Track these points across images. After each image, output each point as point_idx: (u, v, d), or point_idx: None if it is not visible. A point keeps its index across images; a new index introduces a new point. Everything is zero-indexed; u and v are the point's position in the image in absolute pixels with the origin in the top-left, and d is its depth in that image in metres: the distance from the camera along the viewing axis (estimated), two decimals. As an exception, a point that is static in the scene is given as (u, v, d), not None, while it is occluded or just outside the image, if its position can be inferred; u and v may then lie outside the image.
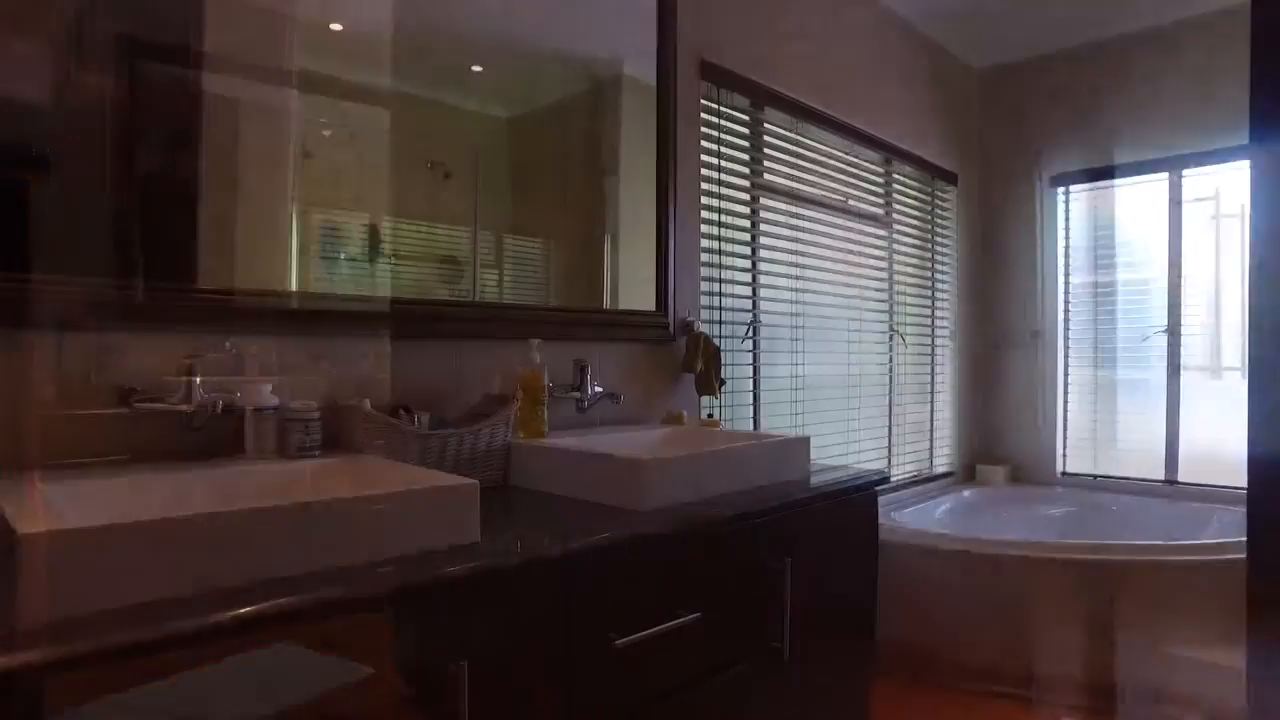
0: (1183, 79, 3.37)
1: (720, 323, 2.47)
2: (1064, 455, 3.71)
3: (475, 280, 1.78)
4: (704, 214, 2.38)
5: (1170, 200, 3.44)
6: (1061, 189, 3.71)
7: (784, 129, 2.74)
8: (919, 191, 3.49)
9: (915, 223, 3.47)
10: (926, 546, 2.68)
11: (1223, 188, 3.35)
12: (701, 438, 1.88)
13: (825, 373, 2.96)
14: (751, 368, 2.63)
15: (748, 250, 2.60)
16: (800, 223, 2.81)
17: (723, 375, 2.25)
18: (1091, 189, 3.65)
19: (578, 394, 1.84)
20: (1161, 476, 3.44)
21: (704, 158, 2.38)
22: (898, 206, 3.35)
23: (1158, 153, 3.42)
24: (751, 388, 2.64)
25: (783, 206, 2.74)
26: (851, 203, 3.08)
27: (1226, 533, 2.99)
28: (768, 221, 2.68)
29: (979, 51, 3.75)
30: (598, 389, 1.89)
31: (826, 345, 2.97)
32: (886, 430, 3.31)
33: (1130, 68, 3.50)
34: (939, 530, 2.91)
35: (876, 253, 3.23)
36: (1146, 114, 3.46)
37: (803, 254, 2.82)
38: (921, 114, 3.46)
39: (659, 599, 1.27)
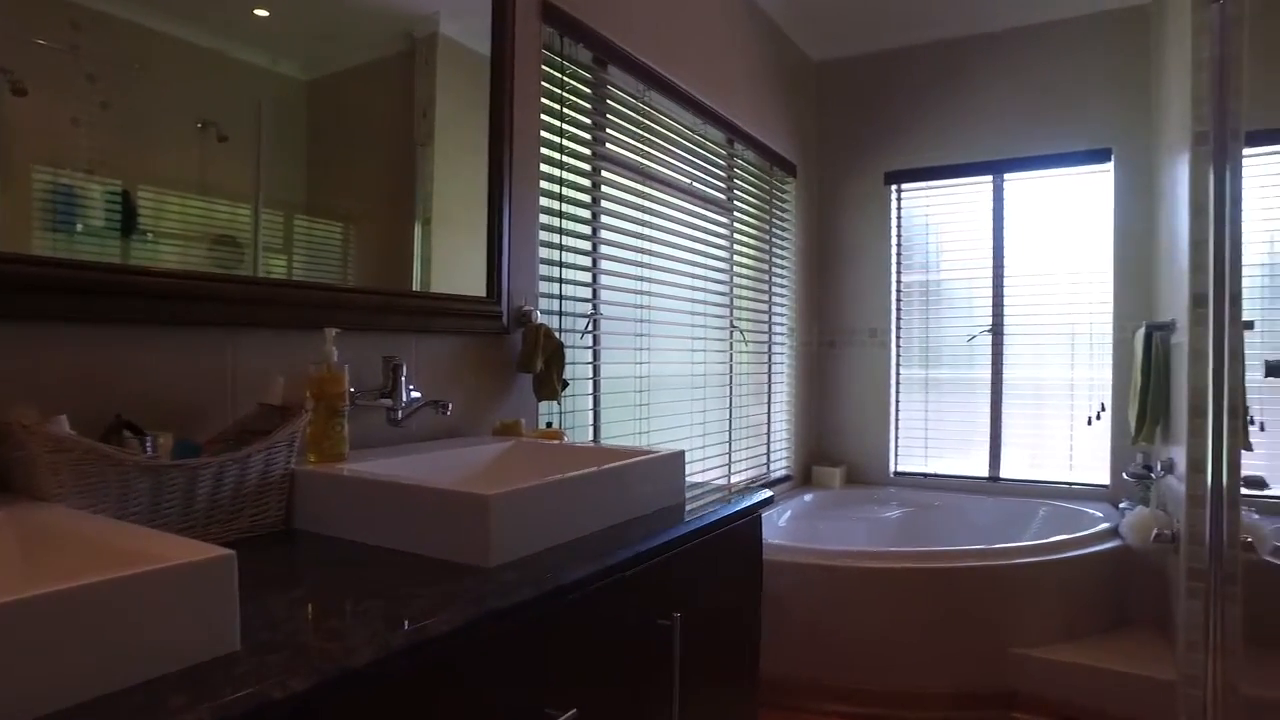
0: (1009, 85, 3.44)
1: (560, 314, 2.11)
2: (896, 455, 3.70)
3: (256, 266, 1.32)
4: (543, 184, 2.02)
5: (994, 202, 3.51)
6: (894, 186, 3.70)
7: (631, 94, 2.43)
8: (759, 179, 3.32)
9: (755, 213, 3.29)
10: (780, 562, 2.47)
11: (1045, 192, 3.46)
12: (551, 456, 1.52)
13: (670, 372, 2.69)
14: (592, 367, 2.30)
15: (588, 230, 2.26)
16: (646, 203, 2.52)
17: (565, 376, 1.90)
18: (924, 188, 3.66)
19: (390, 401, 1.42)
20: (986, 474, 3.51)
21: (544, 118, 2.02)
22: (738, 194, 3.15)
23: (984, 155, 3.48)
24: (592, 390, 2.31)
25: (627, 183, 2.43)
26: (696, 185, 2.83)
27: (1052, 526, 3.06)
28: (610, 199, 2.36)
29: (817, 43, 3.66)
30: (415, 394, 1.47)
31: (672, 341, 2.70)
32: (727, 433, 3.10)
33: (960, 71, 3.53)
34: (786, 543, 2.73)
35: (719, 241, 3.00)
36: (974, 117, 3.51)
37: (648, 238, 2.53)
38: (763, 99, 3.29)
39: (521, 702, 0.90)
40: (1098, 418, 3.31)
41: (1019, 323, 3.48)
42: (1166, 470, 2.47)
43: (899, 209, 3.72)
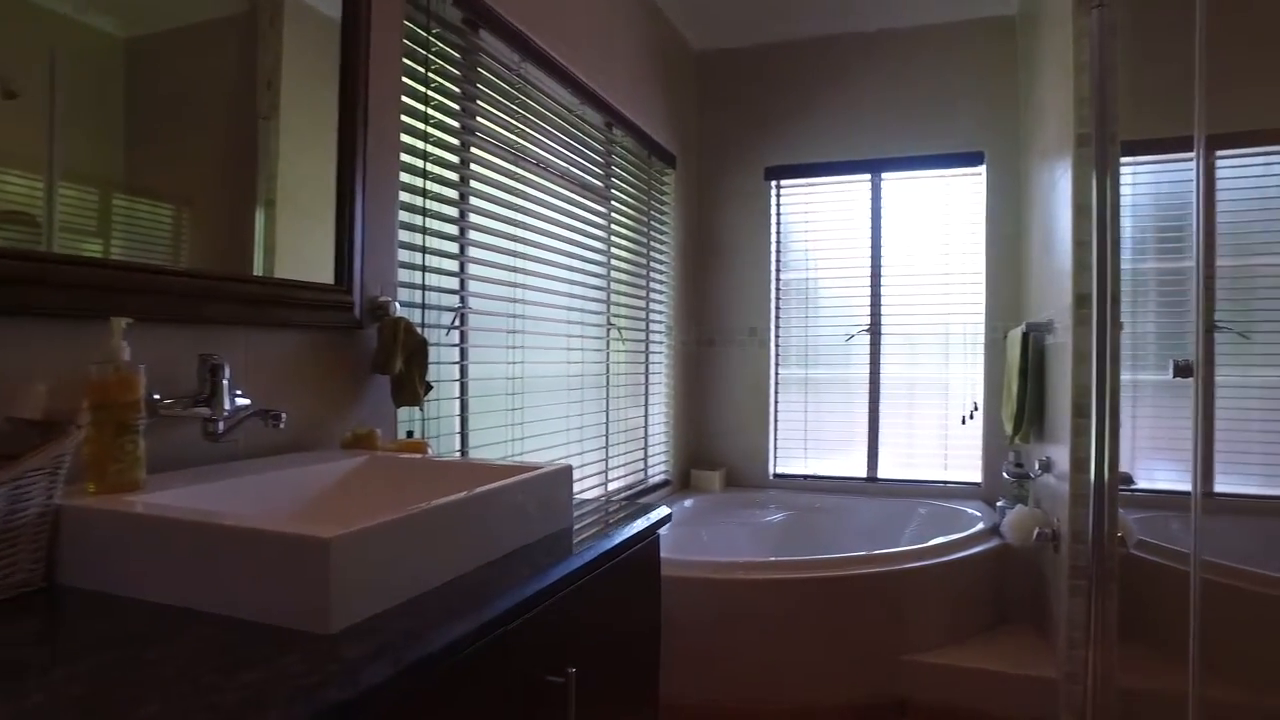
0: (887, 86, 3.44)
1: (423, 307, 1.86)
2: (775, 457, 3.64)
3: (52, 247, 1.02)
4: (406, 158, 1.76)
5: (872, 201, 3.51)
6: (774, 182, 3.63)
7: (505, 65, 2.20)
8: (638, 169, 3.15)
9: (634, 204, 3.13)
10: (667, 578, 2.30)
11: (922, 193, 3.48)
12: (412, 474, 1.27)
13: (545, 372, 2.48)
14: (459, 367, 2.05)
15: (455, 213, 2.02)
16: (520, 186, 2.29)
17: (428, 378, 1.65)
18: (803, 185, 3.61)
19: (207, 410, 1.14)
20: (864, 474, 3.50)
21: (407, 81, 1.76)
22: (617, 182, 2.97)
23: (862, 154, 3.47)
24: (459, 393, 2.06)
25: (500, 163, 2.20)
26: (574, 170, 2.63)
27: (932, 526, 3.06)
28: (481, 179, 2.12)
29: (698, 31, 3.54)
30: (243, 401, 1.20)
31: (547, 339, 2.48)
32: (604, 438, 2.92)
33: (840, 68, 3.51)
34: (671, 556, 2.57)
35: (597, 232, 2.81)
36: (854, 115, 3.49)
37: (522, 225, 2.30)
38: (644, 84, 3.13)
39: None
40: (971, 417, 3.36)
41: (896, 322, 3.49)
42: (1045, 469, 2.49)
43: (779, 206, 3.66)
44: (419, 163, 1.82)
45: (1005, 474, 2.81)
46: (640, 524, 1.31)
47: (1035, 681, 2.24)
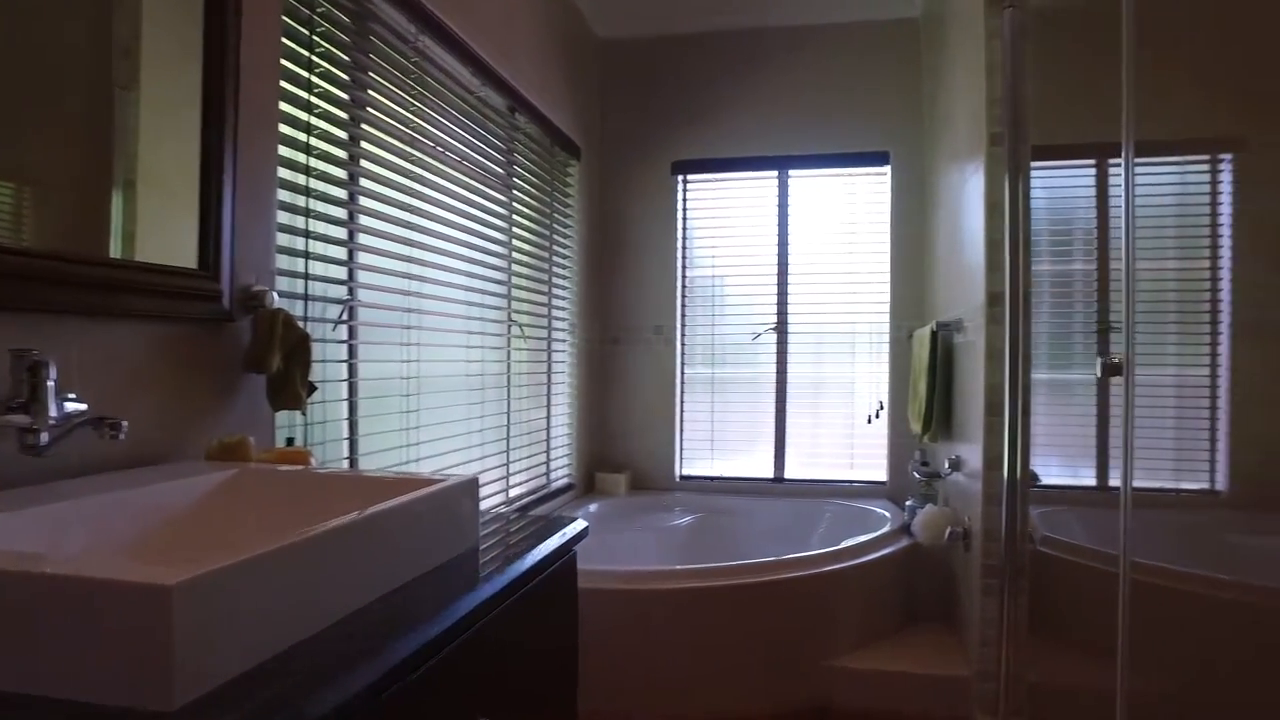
0: (795, 82, 3.41)
1: (306, 298, 1.66)
2: (681, 458, 3.55)
3: None
4: (287, 131, 1.56)
5: (779, 198, 3.47)
6: (681, 177, 3.54)
7: (401, 34, 2.01)
8: (542, 158, 3.00)
9: (537, 194, 2.97)
10: (580, 589, 2.17)
11: (829, 191, 3.47)
12: (291, 491, 1.09)
13: (443, 371, 2.30)
14: (347, 365, 1.86)
15: (344, 194, 1.82)
16: (417, 169, 2.10)
17: (312, 377, 1.46)
18: (711, 180, 3.54)
19: (25, 418, 0.93)
20: (771, 474, 3.46)
21: (287, 43, 1.56)
22: (519, 171, 2.81)
23: (770, 150, 3.43)
24: (348, 394, 1.86)
25: (394, 143, 2.01)
26: (475, 155, 2.45)
27: (841, 526, 3.04)
28: (373, 160, 1.92)
29: (604, 18, 3.41)
30: (76, 406, 0.99)
31: (445, 335, 2.30)
32: (505, 440, 2.75)
33: (748, 63, 3.46)
34: (580, 566, 2.44)
35: (498, 223, 2.64)
36: (761, 111, 3.45)
37: (419, 212, 2.11)
38: (548, 69, 2.98)
39: None
40: (877, 416, 3.37)
41: (802, 321, 3.47)
42: (954, 468, 2.49)
43: (685, 201, 3.58)
44: (302, 137, 1.62)
45: (915, 473, 2.81)
46: (556, 540, 1.17)
47: (950, 681, 2.23)
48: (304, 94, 1.63)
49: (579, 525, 1.27)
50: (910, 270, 3.31)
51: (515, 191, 2.77)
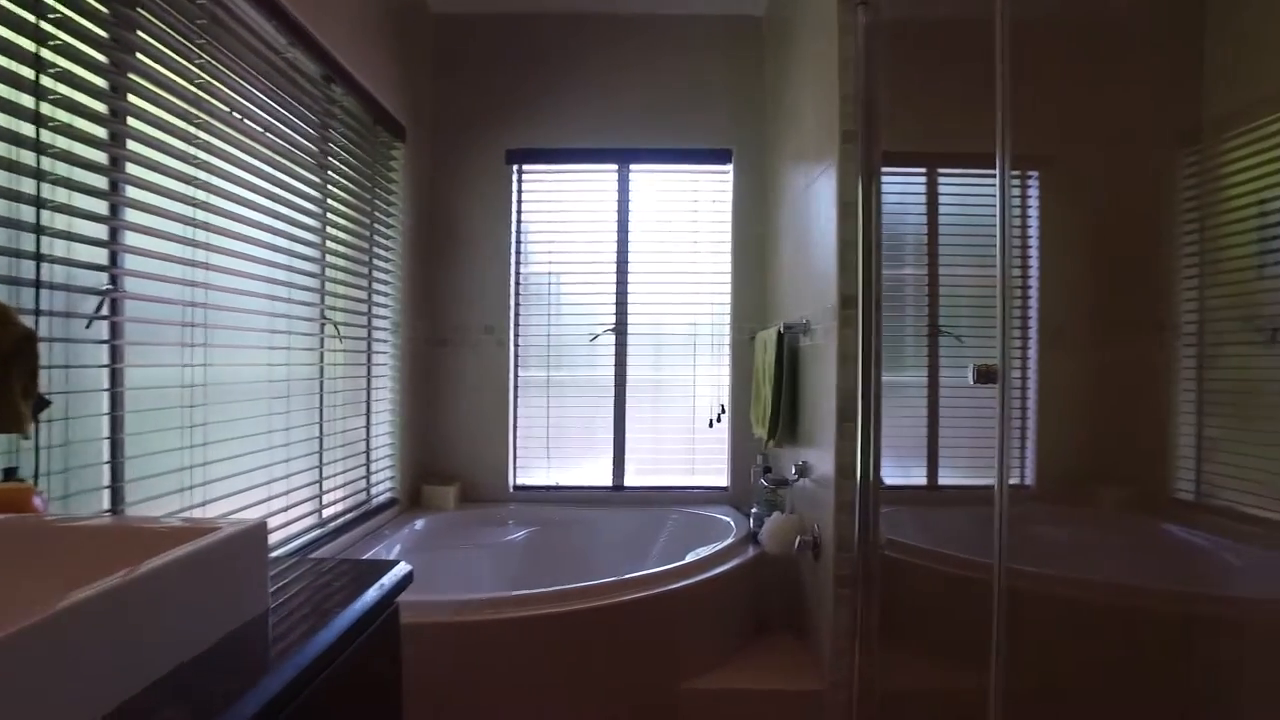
0: (637, 73, 3.28)
1: (39, 285, 1.30)
2: (515, 468, 3.32)
3: None
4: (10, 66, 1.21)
5: (619, 194, 3.32)
6: (516, 166, 3.31)
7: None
8: (361, 137, 2.68)
9: (356, 178, 2.65)
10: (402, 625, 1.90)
11: (670, 188, 3.36)
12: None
13: (241, 377, 1.95)
14: (108, 373, 1.50)
15: (103, 158, 1.47)
16: (207, 137, 1.76)
17: (42, 390, 1.13)
18: (547, 171, 3.34)
19: None
20: (610, 482, 3.30)
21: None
22: (335, 150, 2.48)
23: (610, 142, 3.28)
24: (109, 408, 1.51)
25: (176, 102, 1.66)
26: (280, 126, 2.12)
27: (684, 535, 2.93)
28: (147, 120, 1.57)
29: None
30: None
31: (242, 335, 1.96)
32: (318, 454, 2.42)
33: (589, 49, 3.29)
34: (405, 597, 2.16)
35: (310, 207, 2.31)
36: (602, 101, 3.29)
37: (209, 187, 1.77)
38: (372, 39, 2.66)
39: None
40: (718, 420, 3.30)
41: (642, 322, 3.34)
42: (801, 474, 2.43)
43: (520, 193, 3.35)
44: (28, 74, 1.27)
45: (763, 480, 2.74)
46: (372, 594, 0.94)
47: (804, 696, 2.16)
48: (29, 16, 1.28)
49: (400, 571, 1.03)
50: (753, 271, 3.27)
51: (331, 173, 2.45)
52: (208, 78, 1.76)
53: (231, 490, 1.86)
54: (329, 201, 2.43)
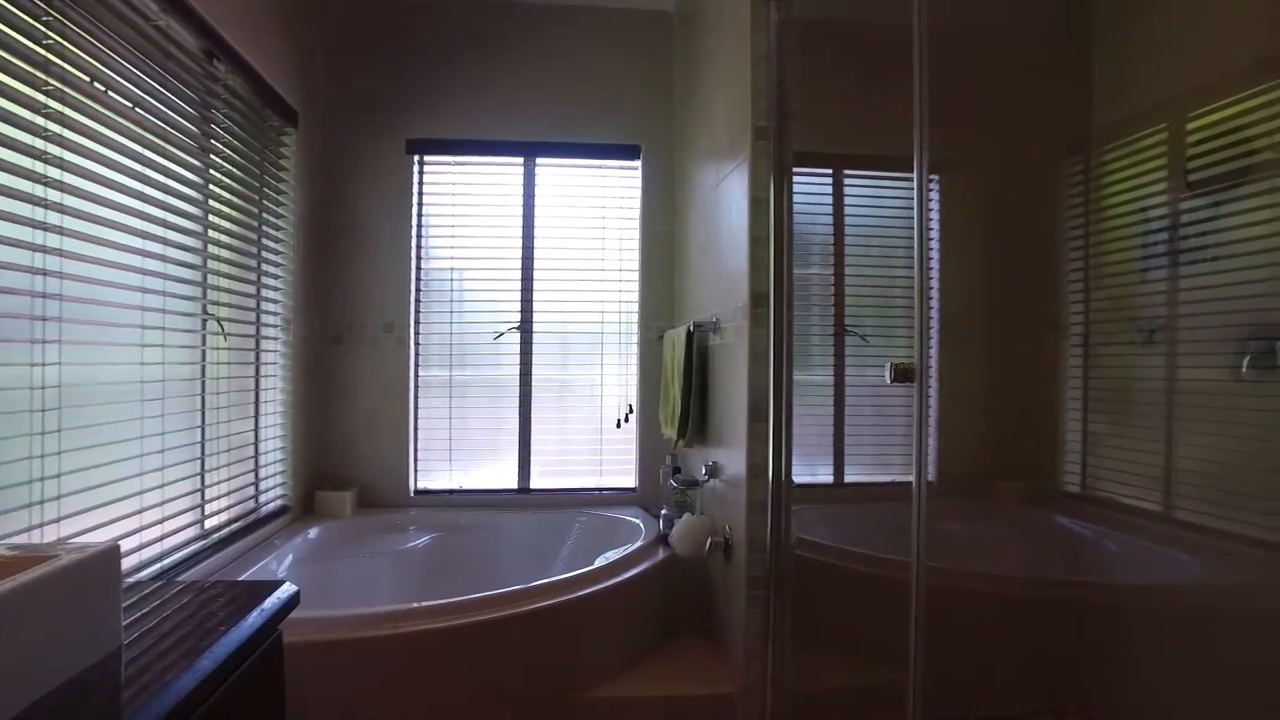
0: (545, 64, 3.19)
1: None
2: (416, 471, 3.17)
3: None
4: None
5: (525, 188, 3.23)
6: (417, 157, 3.17)
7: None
8: (249, 120, 2.49)
9: (242, 166, 2.46)
10: (293, 645, 1.75)
11: (577, 183, 3.28)
12: None
13: (104, 378, 1.77)
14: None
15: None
16: (63, 109, 1.58)
17: None
18: (450, 163, 3.20)
19: None
20: (516, 484, 3.20)
21: None
22: (219, 133, 2.30)
23: (516, 135, 3.18)
24: (-58, 410, 1.32)
25: (25, 68, 1.48)
26: (152, 102, 1.93)
27: (592, 538, 2.87)
28: (-13, 90, 1.39)
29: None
30: None
31: (108, 331, 1.77)
32: (199, 460, 2.23)
33: (495, 36, 3.18)
34: (297, 614, 2.01)
35: (191, 194, 2.13)
36: (508, 91, 3.18)
37: (67, 166, 1.59)
38: (260, 12, 2.48)
39: None
40: (626, 420, 3.24)
41: (548, 320, 3.25)
42: (712, 474, 2.40)
43: (422, 185, 3.21)
44: None
45: (672, 481, 2.70)
46: (251, 622, 0.83)
47: (715, 699, 2.12)
48: None
49: (285, 592, 0.93)
50: (661, 269, 3.23)
51: (214, 156, 2.26)
52: (58, 38, 1.58)
53: (91, 504, 1.68)
54: (211, 188, 2.25)
